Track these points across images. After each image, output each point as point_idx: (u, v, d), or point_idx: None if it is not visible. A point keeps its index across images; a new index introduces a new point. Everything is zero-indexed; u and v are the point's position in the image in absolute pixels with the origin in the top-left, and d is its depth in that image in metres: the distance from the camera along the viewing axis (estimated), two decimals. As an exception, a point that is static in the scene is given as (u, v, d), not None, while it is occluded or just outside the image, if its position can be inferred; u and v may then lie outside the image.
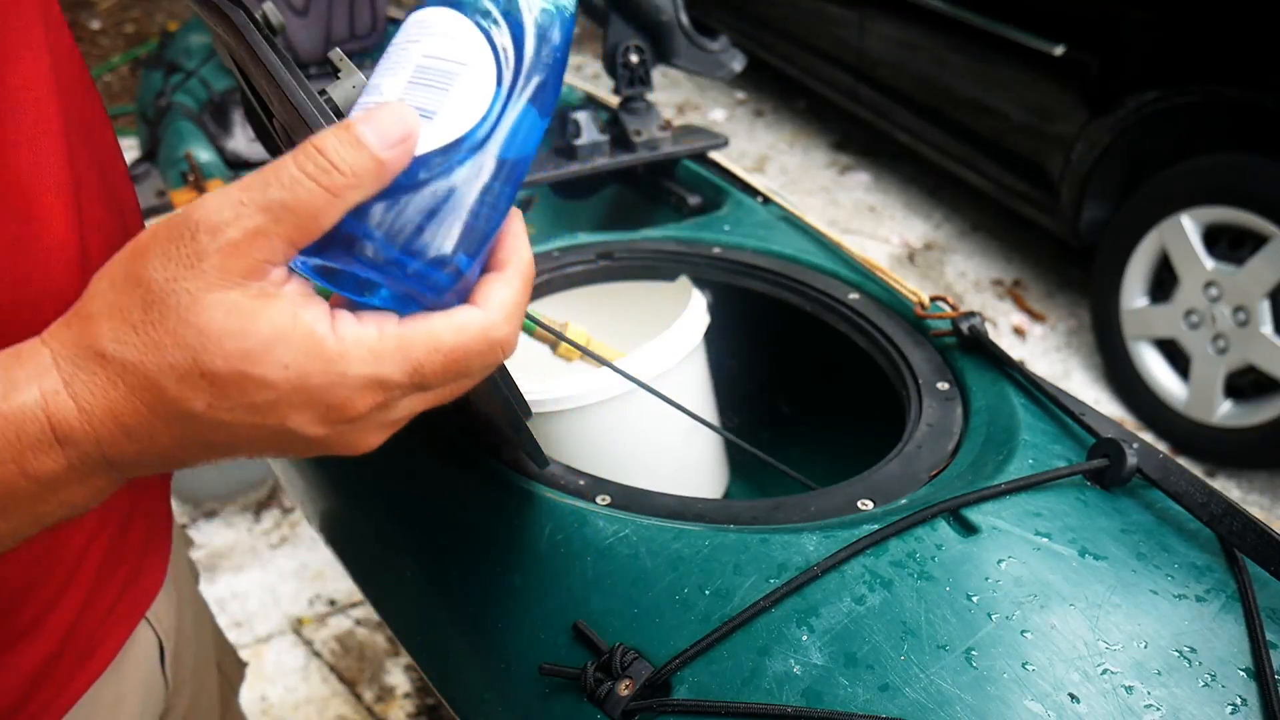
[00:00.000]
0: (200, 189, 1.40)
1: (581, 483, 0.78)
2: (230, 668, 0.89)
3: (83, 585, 0.56)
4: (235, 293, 0.33)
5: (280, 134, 0.74)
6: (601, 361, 0.92)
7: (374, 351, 0.36)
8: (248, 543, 2.03)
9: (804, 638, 0.60)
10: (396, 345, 0.36)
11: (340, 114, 0.71)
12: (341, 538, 0.92)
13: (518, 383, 0.61)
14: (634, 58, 1.40)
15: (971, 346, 0.91)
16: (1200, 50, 2.10)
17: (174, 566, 0.71)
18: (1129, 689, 0.56)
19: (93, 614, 0.58)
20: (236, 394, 0.34)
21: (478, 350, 0.38)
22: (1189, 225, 2.13)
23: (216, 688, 0.84)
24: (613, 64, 1.41)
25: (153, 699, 0.67)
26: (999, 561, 0.64)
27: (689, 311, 1.05)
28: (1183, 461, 2.02)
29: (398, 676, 1.74)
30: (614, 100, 1.48)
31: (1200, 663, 0.58)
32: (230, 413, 0.34)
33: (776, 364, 1.29)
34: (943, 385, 0.88)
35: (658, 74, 1.42)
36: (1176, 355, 2.26)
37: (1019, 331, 2.70)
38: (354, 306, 0.38)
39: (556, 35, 0.44)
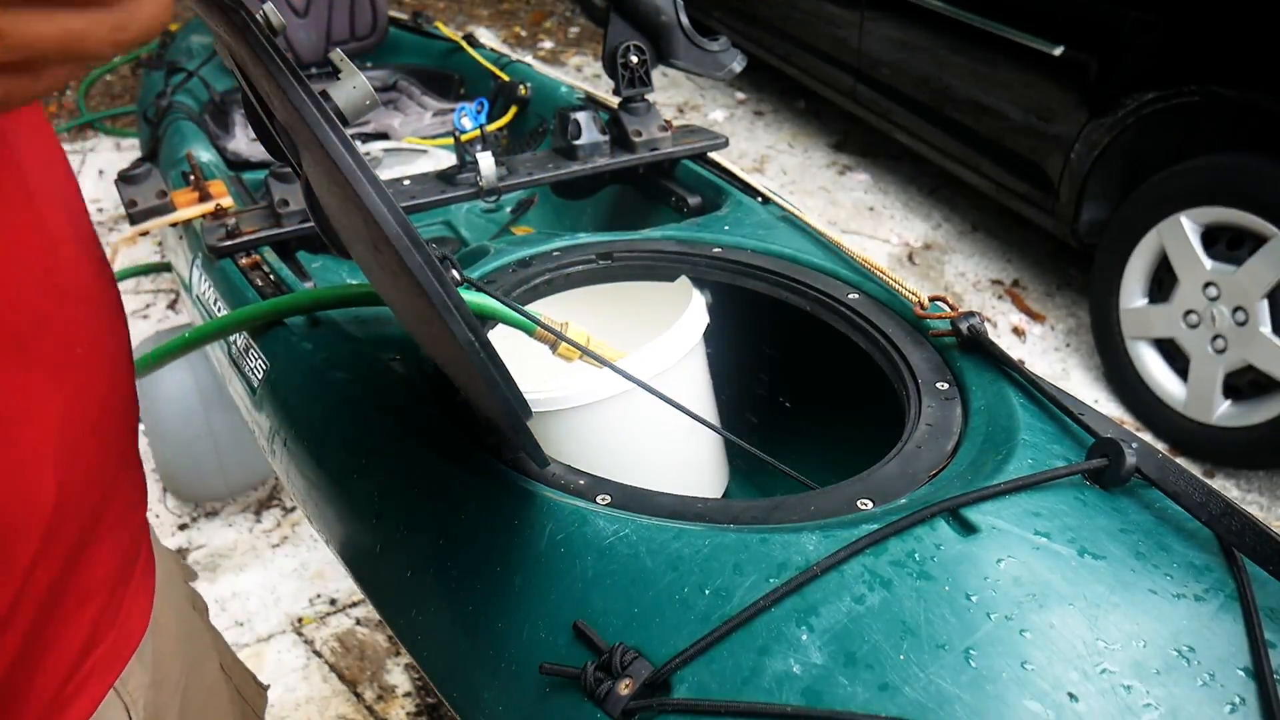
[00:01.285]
0: (201, 189, 1.40)
1: (581, 482, 0.78)
2: (251, 694, 0.87)
3: (9, 649, 0.49)
4: None
5: (280, 134, 0.74)
6: (601, 361, 0.92)
7: None
8: (248, 542, 2.03)
9: (804, 637, 0.60)
10: None
11: (341, 114, 0.72)
12: (342, 537, 0.92)
13: (518, 383, 0.61)
14: (634, 58, 1.40)
15: (971, 346, 0.91)
16: (1199, 51, 2.10)
17: (164, 606, 0.64)
18: (1128, 688, 0.56)
19: (29, 688, 0.50)
20: None
21: None
22: (1188, 225, 2.13)
23: (230, 717, 0.81)
24: (613, 64, 1.41)
25: None
26: (998, 561, 0.64)
27: (689, 311, 1.05)
28: (1181, 461, 2.02)
29: (398, 676, 1.74)
30: (614, 100, 1.48)
31: (1199, 662, 0.58)
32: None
33: (776, 364, 1.29)
34: (942, 385, 0.88)
35: (658, 74, 1.42)
36: (1175, 355, 2.25)
37: (1018, 331, 2.70)
38: None
39: None
